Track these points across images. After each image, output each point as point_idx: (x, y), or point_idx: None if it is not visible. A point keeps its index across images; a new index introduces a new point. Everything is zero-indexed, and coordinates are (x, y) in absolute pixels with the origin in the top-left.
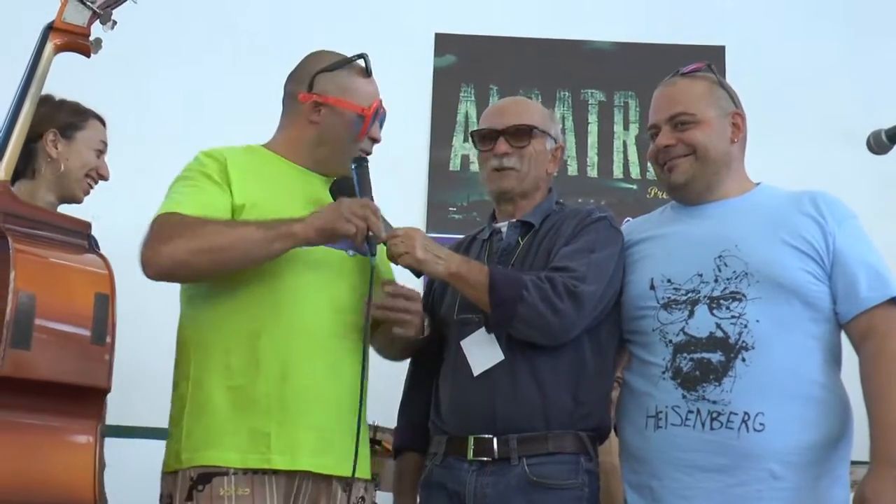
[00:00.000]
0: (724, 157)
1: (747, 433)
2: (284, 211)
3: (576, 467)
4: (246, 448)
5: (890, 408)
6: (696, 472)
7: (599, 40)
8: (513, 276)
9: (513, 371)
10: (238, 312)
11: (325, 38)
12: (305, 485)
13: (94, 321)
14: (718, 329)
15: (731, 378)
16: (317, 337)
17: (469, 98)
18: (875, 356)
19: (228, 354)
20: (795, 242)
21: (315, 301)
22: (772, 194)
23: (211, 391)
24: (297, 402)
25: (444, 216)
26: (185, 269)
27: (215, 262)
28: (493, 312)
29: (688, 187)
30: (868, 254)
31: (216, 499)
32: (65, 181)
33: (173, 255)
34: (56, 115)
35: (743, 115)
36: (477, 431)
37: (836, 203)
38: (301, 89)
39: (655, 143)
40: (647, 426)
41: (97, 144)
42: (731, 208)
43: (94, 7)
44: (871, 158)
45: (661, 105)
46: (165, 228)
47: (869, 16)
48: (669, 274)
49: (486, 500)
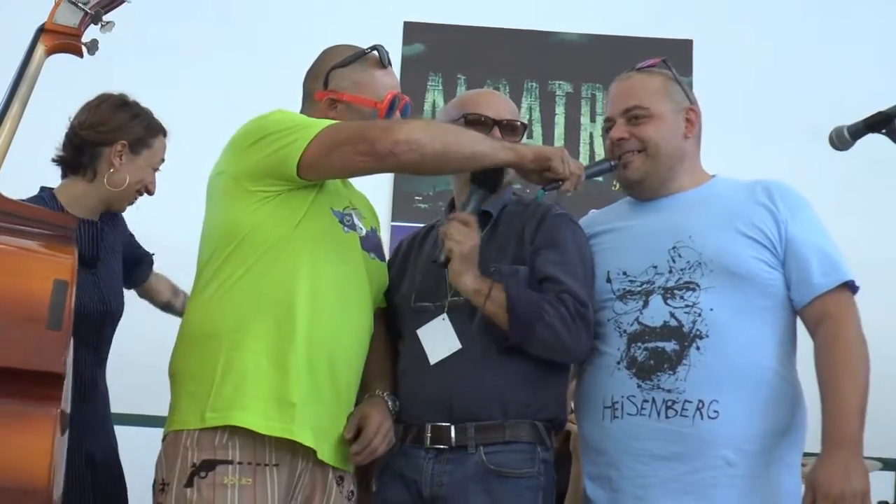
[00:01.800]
0: (677, 152)
1: (702, 421)
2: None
3: (532, 456)
4: (272, 415)
5: (843, 393)
6: (652, 461)
7: (568, 32)
8: (530, 296)
9: (470, 360)
10: (276, 282)
11: (293, 27)
12: (304, 476)
13: (50, 307)
14: (672, 318)
15: (685, 366)
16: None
17: (437, 87)
18: (829, 341)
19: (267, 321)
20: (749, 231)
21: (348, 288)
22: (726, 185)
23: (246, 354)
24: (320, 382)
25: (410, 205)
26: (416, 152)
27: (446, 151)
28: (512, 331)
29: (642, 184)
30: (820, 240)
31: (219, 486)
32: (119, 193)
33: (409, 133)
34: (132, 127)
35: (697, 111)
36: (434, 419)
37: (788, 191)
38: (317, 87)
39: (609, 136)
40: (605, 417)
41: (157, 163)
42: (685, 200)
43: (86, 8)
44: (835, 155)
45: (617, 99)
46: (382, 124)
47: (836, 13)
48: (625, 267)
49: (442, 487)
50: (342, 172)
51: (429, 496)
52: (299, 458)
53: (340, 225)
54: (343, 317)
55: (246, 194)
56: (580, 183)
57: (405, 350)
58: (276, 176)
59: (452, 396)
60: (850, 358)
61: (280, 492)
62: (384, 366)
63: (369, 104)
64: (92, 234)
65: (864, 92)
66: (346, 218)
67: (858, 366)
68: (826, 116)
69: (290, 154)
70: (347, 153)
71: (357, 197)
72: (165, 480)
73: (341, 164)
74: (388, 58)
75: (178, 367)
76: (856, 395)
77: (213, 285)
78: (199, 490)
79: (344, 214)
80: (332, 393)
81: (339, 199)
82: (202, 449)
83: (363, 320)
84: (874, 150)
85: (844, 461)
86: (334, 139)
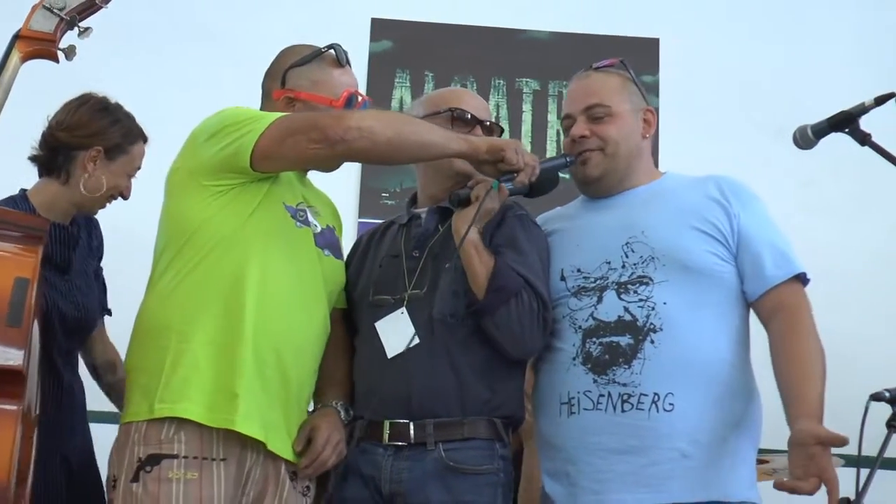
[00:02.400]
0: (635, 151)
1: (657, 414)
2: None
3: (491, 453)
4: (216, 406)
5: (806, 381)
6: (609, 455)
7: (535, 30)
8: (514, 275)
9: (429, 356)
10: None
11: (259, 23)
12: (254, 470)
13: (10, 303)
14: (626, 312)
15: (640, 360)
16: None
17: (404, 84)
18: (786, 331)
19: (215, 313)
20: (701, 226)
21: (299, 282)
22: (677, 181)
23: (195, 346)
24: (267, 375)
25: (377, 202)
26: (367, 139)
27: (398, 139)
28: (487, 296)
29: (600, 182)
30: (772, 233)
31: (164, 481)
32: (90, 198)
33: (361, 121)
34: (110, 133)
35: (654, 112)
36: (392, 416)
37: (738, 186)
38: (275, 86)
39: (570, 134)
40: (561, 413)
41: (134, 170)
42: (637, 197)
43: (62, 14)
44: (799, 153)
45: (577, 96)
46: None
47: (801, 14)
48: (578, 263)
49: (401, 484)
50: (295, 162)
51: (388, 493)
52: (248, 452)
53: (293, 220)
54: (293, 310)
55: (200, 189)
56: (534, 175)
57: (362, 344)
58: (231, 169)
59: (411, 393)
60: (809, 347)
61: (228, 487)
62: (340, 371)
63: (325, 102)
64: (64, 238)
65: (828, 92)
66: (300, 213)
67: (818, 355)
68: (790, 115)
69: (244, 145)
70: (300, 141)
71: (315, 195)
72: (115, 476)
73: (294, 152)
74: (346, 57)
75: (131, 362)
76: (817, 384)
77: (165, 279)
78: (145, 484)
79: (297, 210)
80: (281, 386)
81: (293, 195)
82: (148, 443)
83: (315, 315)
84: (837, 149)
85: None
86: (287, 128)
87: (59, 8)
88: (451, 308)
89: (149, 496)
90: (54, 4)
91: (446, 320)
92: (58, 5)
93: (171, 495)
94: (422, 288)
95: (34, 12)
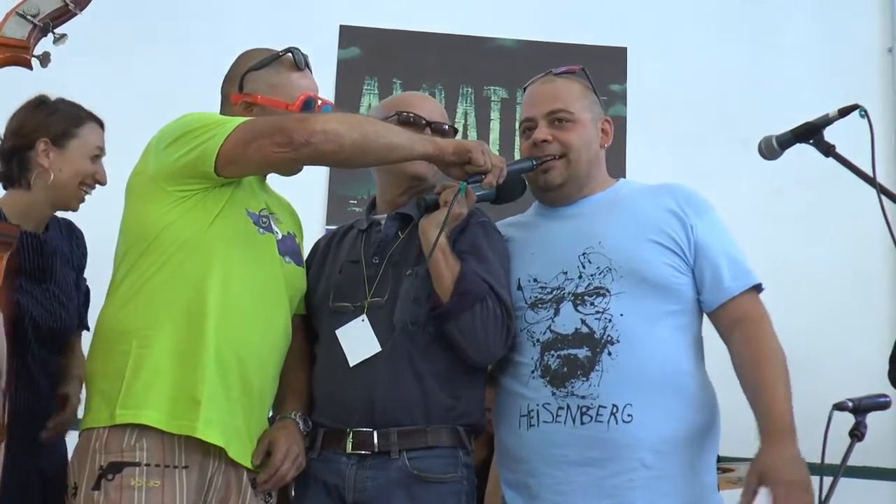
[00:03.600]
0: (595, 159)
1: (616, 425)
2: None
3: (454, 461)
4: (178, 413)
5: (773, 390)
6: (569, 467)
7: (503, 38)
8: (480, 280)
9: (391, 364)
10: (188, 280)
11: (228, 29)
12: (216, 478)
13: None
14: (584, 325)
15: (597, 372)
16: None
17: (372, 91)
18: (748, 342)
19: (177, 319)
20: (657, 237)
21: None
22: (632, 189)
23: (156, 352)
24: (230, 381)
25: (345, 209)
26: (333, 142)
27: (364, 142)
28: (452, 300)
29: (561, 189)
30: (728, 244)
31: (126, 489)
32: (59, 191)
33: (326, 123)
34: (48, 123)
35: (611, 122)
36: (355, 424)
37: (693, 196)
38: (233, 90)
39: (532, 137)
40: (521, 425)
41: (92, 150)
42: (593, 205)
43: (35, 21)
44: (763, 165)
45: (539, 100)
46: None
47: (768, 25)
48: (535, 273)
49: (366, 493)
50: (260, 166)
51: (352, 502)
52: (210, 459)
53: (255, 226)
54: (255, 316)
55: (162, 194)
56: (502, 176)
57: (323, 351)
58: (195, 175)
59: (374, 401)
60: (773, 357)
61: (190, 494)
62: (299, 380)
63: (281, 106)
64: (35, 246)
65: (793, 103)
66: (262, 220)
67: (781, 363)
68: (757, 125)
69: (208, 150)
70: (265, 145)
71: (275, 201)
72: (77, 483)
73: (259, 156)
74: (305, 60)
75: (91, 368)
76: (785, 391)
77: (126, 284)
78: (107, 493)
79: (260, 216)
80: (243, 392)
81: (255, 201)
82: (110, 451)
83: (277, 321)
84: (803, 160)
85: (790, 451)
86: (251, 132)
87: (33, 15)
88: (412, 315)
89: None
90: (28, 11)
91: (407, 328)
92: (31, 12)
93: (133, 503)
94: (382, 295)
95: (7, 19)
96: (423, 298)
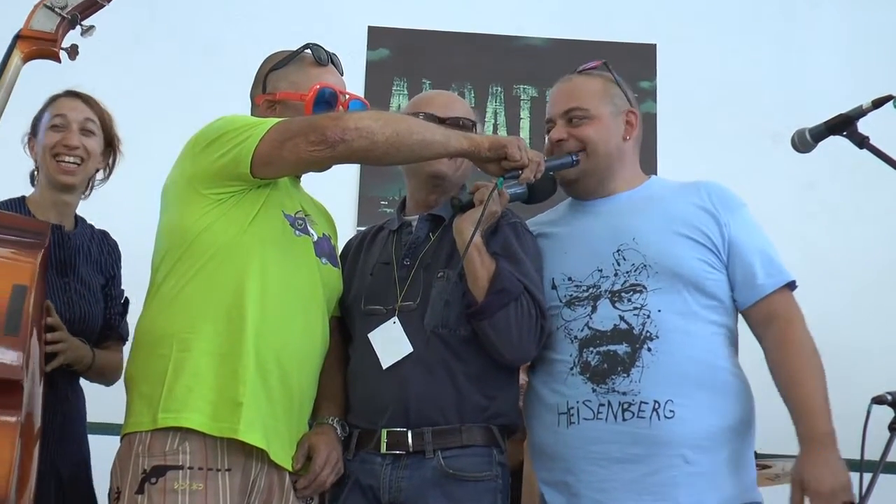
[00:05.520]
0: (616, 153)
1: (658, 421)
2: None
3: (489, 459)
4: (220, 416)
5: (809, 391)
6: (611, 464)
7: (533, 36)
8: (515, 279)
9: (425, 366)
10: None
11: (256, 32)
12: (259, 480)
13: (7, 312)
14: (622, 321)
15: (638, 368)
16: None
17: (402, 92)
18: (783, 342)
19: (217, 322)
20: (690, 233)
21: (299, 290)
22: (663, 186)
23: (196, 355)
24: (270, 384)
25: (375, 210)
26: (367, 138)
27: (397, 138)
28: (487, 298)
29: (579, 183)
30: (761, 241)
31: (169, 492)
32: (43, 172)
33: (359, 121)
34: (33, 119)
35: (637, 114)
36: (389, 425)
37: (726, 193)
38: (257, 92)
39: (549, 137)
40: (560, 423)
41: (51, 121)
42: (624, 202)
43: (63, 13)
44: (796, 159)
45: (557, 100)
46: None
47: (797, 18)
48: (569, 272)
49: (401, 493)
50: (296, 165)
51: (387, 502)
52: (253, 461)
53: (292, 228)
54: (294, 319)
55: (199, 197)
56: (540, 171)
57: (356, 353)
58: (231, 177)
59: (409, 401)
60: (807, 356)
61: (233, 497)
62: (334, 384)
63: (296, 98)
64: (57, 239)
65: (825, 95)
66: (298, 222)
67: (816, 363)
68: (788, 119)
69: (243, 152)
70: (299, 144)
71: (310, 203)
72: (119, 488)
73: (294, 156)
74: (327, 55)
75: (131, 371)
76: (821, 392)
77: (165, 288)
78: (150, 496)
79: (296, 218)
80: (284, 395)
81: (291, 203)
82: (153, 455)
83: (316, 324)
84: (836, 152)
85: (826, 458)
86: (286, 132)
87: (61, 7)
88: (442, 319)
89: None
90: (55, 3)
91: (438, 331)
92: (59, 4)
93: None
94: (413, 298)
95: (35, 12)
96: (454, 301)
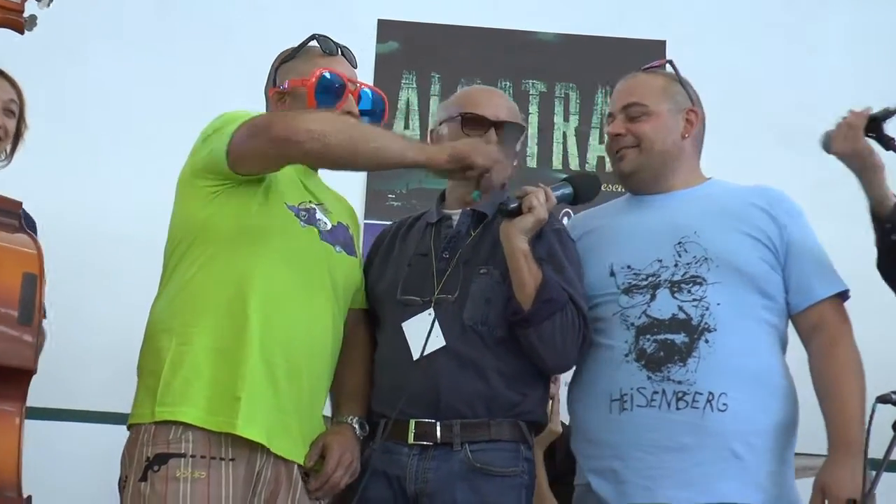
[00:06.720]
0: (673, 150)
1: (711, 413)
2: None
3: (516, 455)
4: (217, 410)
5: (846, 399)
6: (660, 452)
7: (542, 31)
8: (561, 288)
9: (457, 360)
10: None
11: (266, 25)
12: (265, 471)
13: (20, 301)
14: (681, 311)
15: (695, 359)
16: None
17: (411, 85)
18: (828, 351)
19: (218, 316)
20: (752, 231)
21: (305, 282)
22: (723, 187)
23: (195, 348)
24: (277, 379)
25: (383, 203)
26: (318, 141)
27: (350, 144)
28: (534, 307)
29: (634, 176)
30: (817, 249)
31: (171, 480)
32: None
33: (312, 123)
34: None
35: (698, 113)
36: (418, 415)
37: (786, 199)
38: (269, 86)
39: (608, 131)
40: (612, 410)
41: None
42: (683, 199)
43: None
44: (806, 157)
45: (618, 96)
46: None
47: (808, 17)
48: (628, 260)
49: (428, 484)
50: (261, 162)
51: (413, 493)
52: (258, 453)
53: (296, 219)
54: (300, 310)
55: (196, 190)
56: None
57: (386, 341)
58: (215, 172)
59: (440, 393)
60: (849, 367)
61: (237, 487)
62: (358, 381)
63: (299, 84)
64: None
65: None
66: (303, 213)
67: (858, 374)
68: (797, 119)
69: (220, 149)
70: (260, 142)
71: (324, 192)
72: (126, 475)
73: (256, 153)
74: (333, 45)
75: (140, 363)
76: (858, 402)
77: (172, 282)
78: (153, 484)
79: (300, 209)
80: (292, 387)
81: (296, 195)
82: (156, 443)
83: (324, 315)
84: None
85: (852, 466)
86: (251, 128)
87: None
88: (483, 315)
89: (156, 495)
90: None
91: (477, 327)
92: None
93: (178, 494)
94: (451, 292)
95: None
96: (495, 300)
